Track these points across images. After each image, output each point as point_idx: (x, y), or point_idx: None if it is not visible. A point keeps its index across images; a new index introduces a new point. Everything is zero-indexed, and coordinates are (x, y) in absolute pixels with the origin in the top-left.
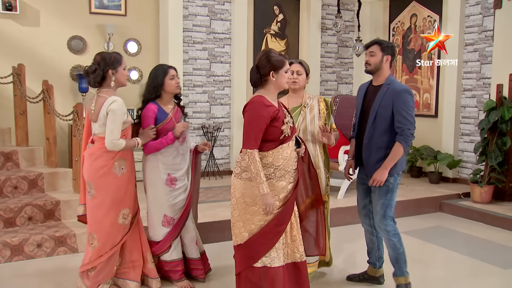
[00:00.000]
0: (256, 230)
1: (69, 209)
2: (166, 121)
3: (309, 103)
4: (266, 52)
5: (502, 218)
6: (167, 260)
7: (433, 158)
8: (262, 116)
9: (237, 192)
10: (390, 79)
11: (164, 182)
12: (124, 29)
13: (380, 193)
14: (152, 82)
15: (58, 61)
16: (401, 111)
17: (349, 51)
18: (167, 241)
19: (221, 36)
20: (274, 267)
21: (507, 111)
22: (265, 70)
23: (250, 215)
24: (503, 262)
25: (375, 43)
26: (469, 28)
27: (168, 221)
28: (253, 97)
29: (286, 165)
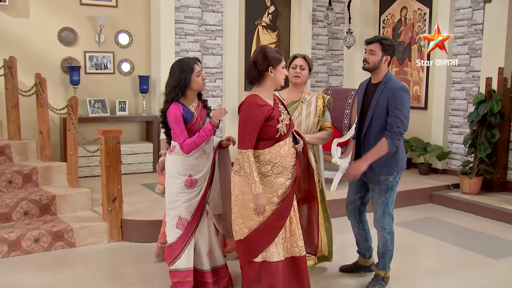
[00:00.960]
0: (256, 226)
1: (64, 204)
2: (193, 121)
3: (307, 98)
4: (262, 48)
5: (491, 209)
6: (179, 268)
7: (423, 150)
8: (256, 116)
9: (236, 189)
10: (387, 77)
11: (184, 183)
12: (115, 20)
13: (380, 192)
14: (177, 80)
15: (49, 53)
16: (394, 110)
17: (340, 43)
18: (180, 243)
19: (212, 28)
20: (274, 261)
21: (496, 104)
22: (262, 66)
23: (249, 212)
24: (494, 253)
25: (377, 41)
26: (459, 22)
27: (183, 224)
28: (247, 97)
29: (284, 162)
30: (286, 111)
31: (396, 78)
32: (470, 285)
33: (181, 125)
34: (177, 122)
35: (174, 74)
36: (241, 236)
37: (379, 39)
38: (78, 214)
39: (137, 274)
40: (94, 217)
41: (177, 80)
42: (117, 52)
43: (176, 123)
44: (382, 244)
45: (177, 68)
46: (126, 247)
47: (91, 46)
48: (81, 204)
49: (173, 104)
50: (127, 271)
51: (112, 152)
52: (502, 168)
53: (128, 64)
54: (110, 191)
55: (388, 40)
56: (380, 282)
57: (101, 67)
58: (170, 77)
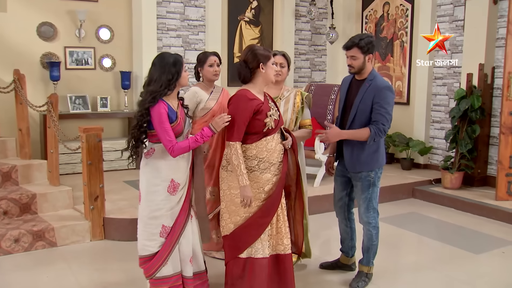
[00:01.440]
0: (241, 222)
1: (45, 202)
2: (177, 121)
3: (286, 95)
4: (251, 47)
5: (472, 204)
6: (166, 275)
7: (405, 145)
8: (245, 109)
9: (223, 184)
10: (373, 74)
11: (166, 189)
12: (96, 15)
13: (362, 188)
14: (170, 75)
15: (28, 48)
16: (379, 108)
17: (323, 39)
18: (164, 251)
19: (195, 23)
20: (258, 258)
21: (476, 100)
22: (253, 63)
23: (236, 207)
24: (474, 247)
25: (354, 46)
26: (441, 18)
27: (166, 231)
28: (237, 91)
29: (271, 157)
30: (276, 108)
31: (381, 76)
32: (451, 279)
33: (167, 124)
34: (162, 122)
35: (165, 68)
36: (227, 231)
37: (356, 43)
38: (60, 213)
39: (119, 274)
40: (76, 216)
41: (170, 75)
42: (98, 48)
43: (161, 122)
44: (367, 239)
45: (168, 62)
46: (108, 246)
47: (71, 41)
48: (62, 202)
49: (158, 101)
50: (109, 271)
51: (94, 150)
52: (483, 163)
53: (109, 60)
54: (92, 189)
55: (364, 38)
56: (364, 279)
57: (82, 62)
58: (159, 71)
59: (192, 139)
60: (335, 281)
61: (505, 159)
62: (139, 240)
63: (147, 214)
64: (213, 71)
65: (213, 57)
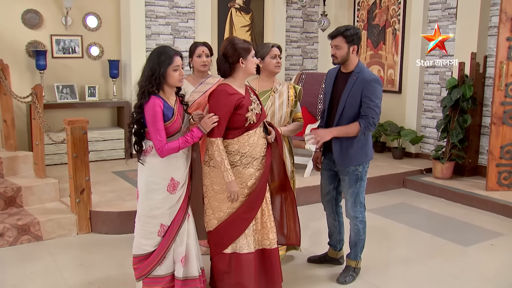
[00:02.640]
0: (225, 217)
1: (31, 195)
2: (173, 118)
3: (279, 88)
4: (230, 40)
5: (462, 194)
6: (161, 274)
7: (397, 134)
8: (225, 105)
9: (206, 180)
10: (359, 67)
11: (166, 188)
12: (83, 2)
13: (350, 182)
14: (151, 70)
15: (13, 36)
16: (368, 101)
17: (314, 26)
18: (162, 249)
19: (184, 11)
20: (244, 253)
21: (468, 89)
22: (233, 58)
23: (219, 203)
24: (463, 240)
25: (339, 35)
26: (433, 5)
27: (164, 230)
28: (217, 86)
29: (253, 152)
30: (258, 101)
31: (367, 68)
32: (439, 273)
33: (160, 123)
34: (155, 120)
35: (150, 63)
36: (211, 227)
37: (341, 32)
38: (46, 206)
39: (104, 269)
40: (62, 209)
41: (151, 70)
42: (86, 36)
43: (154, 120)
44: (354, 233)
45: (155, 56)
46: (95, 239)
47: (57, 29)
48: (48, 195)
49: (152, 97)
50: (94, 265)
51: (79, 143)
52: (474, 153)
53: (97, 48)
54: (77, 182)
55: (350, 29)
56: (351, 273)
57: (68, 51)
58: (146, 64)
59: (182, 140)
60: (323, 275)
61: (495, 149)
62: (136, 239)
63: (146, 213)
64: (201, 62)
65: (202, 47)
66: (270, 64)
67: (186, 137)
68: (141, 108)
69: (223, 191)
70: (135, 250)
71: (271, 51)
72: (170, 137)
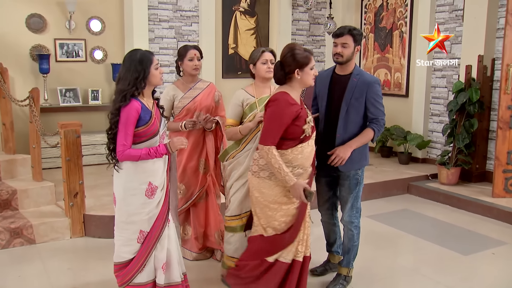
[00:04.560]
0: (280, 227)
1: (26, 198)
2: (151, 121)
3: None
4: (291, 48)
5: (466, 201)
6: (142, 282)
7: (403, 139)
8: (285, 115)
9: (255, 191)
10: (357, 69)
11: (144, 192)
12: (87, 6)
13: (350, 186)
14: (136, 73)
15: (17, 40)
16: (374, 102)
17: (321, 29)
18: (141, 257)
19: (188, 14)
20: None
21: (475, 92)
22: (290, 67)
23: (272, 212)
24: (464, 248)
25: (348, 33)
26: (440, 7)
27: (143, 237)
28: (277, 93)
29: (305, 163)
30: (310, 113)
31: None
32: (434, 283)
33: (130, 128)
34: (128, 124)
35: (131, 66)
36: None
37: (349, 30)
38: (41, 209)
39: (93, 274)
40: (56, 212)
41: (136, 73)
42: (89, 39)
43: (126, 124)
44: (348, 239)
45: (134, 59)
46: (88, 243)
47: (61, 33)
48: (44, 198)
49: (132, 101)
50: (84, 270)
51: (72, 146)
52: (481, 158)
53: (100, 52)
54: (71, 186)
55: (357, 29)
56: (342, 282)
57: (72, 55)
58: (126, 69)
59: (145, 151)
60: (313, 283)
61: (502, 154)
62: (116, 247)
63: (124, 219)
64: (193, 66)
65: (193, 50)
66: (261, 69)
67: (150, 149)
68: (118, 110)
69: (275, 201)
70: (115, 258)
71: (262, 56)
72: (147, 140)
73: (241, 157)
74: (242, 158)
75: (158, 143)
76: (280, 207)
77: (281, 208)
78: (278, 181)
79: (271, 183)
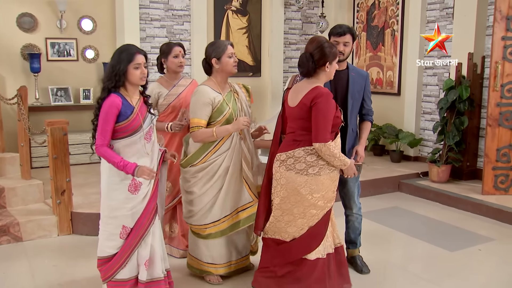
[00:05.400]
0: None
1: (14, 196)
2: (132, 116)
3: (237, 89)
4: (320, 42)
5: (456, 198)
6: (124, 278)
7: (395, 137)
8: (331, 108)
9: (302, 190)
10: (350, 65)
11: (127, 188)
12: (78, 5)
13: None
14: (111, 68)
15: (8, 39)
16: (369, 94)
17: (314, 28)
18: (124, 253)
19: (180, 13)
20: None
21: (465, 90)
22: (321, 61)
23: (317, 211)
24: (451, 245)
25: (348, 32)
26: (431, 5)
27: (126, 232)
28: (318, 88)
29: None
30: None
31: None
32: (417, 279)
33: (109, 124)
34: (106, 119)
35: (113, 60)
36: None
37: (349, 29)
38: (29, 207)
39: (78, 272)
40: (44, 210)
41: (112, 68)
42: (81, 39)
43: (105, 119)
44: (358, 224)
45: (116, 54)
46: (75, 240)
47: (52, 32)
48: (32, 196)
49: (111, 95)
50: (69, 267)
51: (59, 144)
52: (472, 156)
53: (92, 51)
54: (58, 183)
55: (352, 28)
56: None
57: (64, 54)
58: (110, 62)
59: (117, 160)
60: None
61: (491, 152)
62: (99, 241)
63: (107, 213)
64: (178, 62)
65: (178, 47)
66: (228, 64)
67: (119, 162)
68: (99, 103)
69: (323, 197)
70: (99, 252)
71: (227, 50)
72: (129, 136)
73: (218, 159)
74: (219, 160)
75: (142, 139)
76: (326, 205)
77: (327, 206)
78: (326, 175)
79: (321, 178)
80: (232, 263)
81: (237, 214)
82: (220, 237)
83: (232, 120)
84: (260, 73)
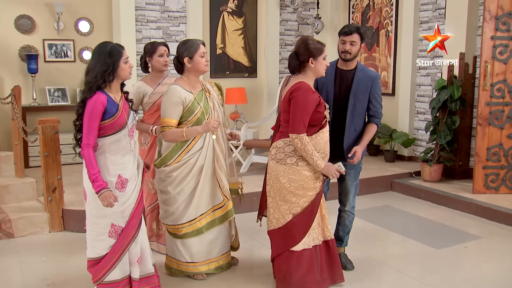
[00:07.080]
0: (300, 210)
1: (8, 194)
2: (118, 114)
3: (209, 88)
4: (304, 39)
5: (446, 197)
6: (116, 279)
7: (389, 137)
8: (310, 102)
9: (281, 178)
10: (360, 65)
11: (114, 185)
12: (75, 7)
13: (355, 175)
14: (104, 65)
15: (6, 41)
16: (377, 97)
17: (310, 29)
18: (114, 253)
19: (176, 15)
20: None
21: (456, 90)
22: (304, 57)
23: (296, 199)
24: (437, 242)
25: (356, 32)
26: (424, 6)
27: (116, 231)
28: (298, 83)
29: (325, 148)
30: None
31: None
32: (401, 275)
33: (95, 122)
34: (92, 117)
35: (100, 58)
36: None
37: (357, 28)
38: (22, 205)
39: (67, 268)
40: (37, 207)
41: (104, 65)
42: (78, 40)
43: (91, 117)
44: (349, 222)
45: (104, 51)
46: (67, 237)
47: (50, 34)
48: (26, 194)
49: (97, 93)
50: (58, 263)
51: (50, 142)
52: (464, 155)
53: (89, 52)
54: (49, 181)
55: (362, 27)
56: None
57: (61, 55)
58: (95, 61)
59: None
60: None
61: (482, 151)
62: (87, 242)
63: (95, 213)
64: (163, 61)
65: (163, 47)
66: (200, 63)
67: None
68: (83, 102)
69: (302, 187)
70: (88, 253)
71: (200, 49)
72: (115, 133)
73: (191, 158)
74: (193, 159)
75: (126, 136)
76: (306, 193)
77: (306, 194)
78: (305, 167)
79: (299, 169)
80: (213, 261)
81: (213, 212)
82: (197, 235)
83: (204, 119)
84: (256, 74)
